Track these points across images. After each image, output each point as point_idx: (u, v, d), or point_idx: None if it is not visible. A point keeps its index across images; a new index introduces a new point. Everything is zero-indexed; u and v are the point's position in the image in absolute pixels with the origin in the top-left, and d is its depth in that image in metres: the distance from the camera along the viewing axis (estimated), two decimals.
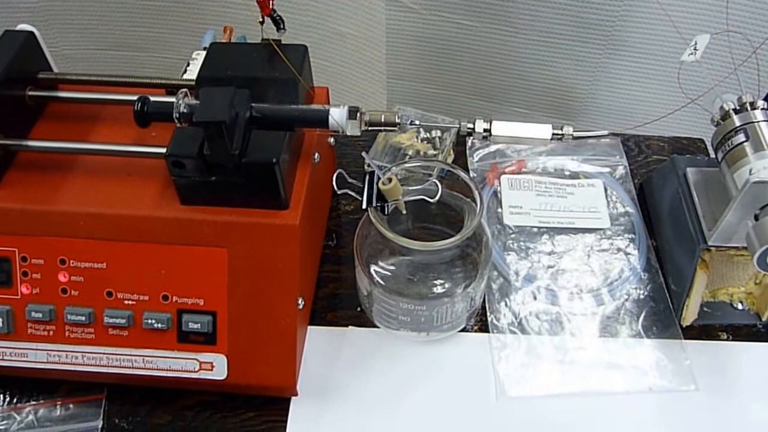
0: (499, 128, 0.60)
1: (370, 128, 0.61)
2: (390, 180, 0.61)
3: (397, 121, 0.60)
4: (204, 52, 0.68)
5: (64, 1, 1.17)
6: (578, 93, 1.13)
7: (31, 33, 0.65)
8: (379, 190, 0.61)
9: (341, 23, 1.12)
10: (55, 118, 0.67)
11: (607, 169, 0.82)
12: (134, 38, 1.26)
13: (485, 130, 0.60)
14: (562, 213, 0.78)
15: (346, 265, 0.74)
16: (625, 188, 0.80)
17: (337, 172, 0.61)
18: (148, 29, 1.25)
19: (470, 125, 0.60)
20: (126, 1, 1.19)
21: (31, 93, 0.65)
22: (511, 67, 1.12)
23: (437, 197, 0.61)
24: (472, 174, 0.82)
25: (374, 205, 0.61)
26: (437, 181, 0.61)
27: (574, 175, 0.81)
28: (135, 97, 0.61)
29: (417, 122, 0.61)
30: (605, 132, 0.60)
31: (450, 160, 0.83)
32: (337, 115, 0.60)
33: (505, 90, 1.16)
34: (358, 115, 0.60)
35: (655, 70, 1.06)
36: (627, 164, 0.83)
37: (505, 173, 0.81)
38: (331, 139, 0.75)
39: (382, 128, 0.61)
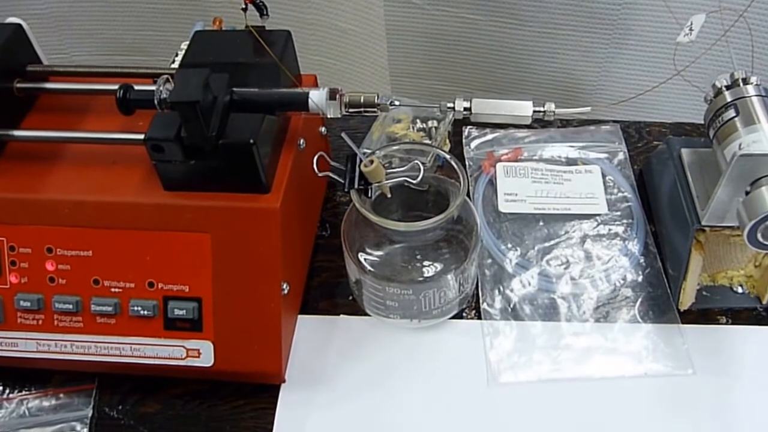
0: (479, 106, 0.59)
1: (350, 110, 0.60)
2: (372, 162, 0.60)
3: (377, 102, 0.60)
4: None
5: (71, 6, 1.18)
6: (586, 84, 1.11)
7: (19, 26, 0.66)
8: (361, 172, 0.61)
9: (342, 19, 1.12)
10: (46, 110, 0.68)
11: (606, 155, 0.81)
12: (142, 42, 1.27)
13: (465, 109, 0.60)
14: (558, 199, 0.76)
15: (340, 255, 0.74)
16: (623, 174, 0.79)
17: (318, 154, 0.61)
18: (155, 32, 1.25)
19: (450, 104, 0.60)
20: (133, 5, 1.20)
21: (19, 85, 0.66)
22: (516, 60, 1.11)
23: (419, 178, 0.60)
24: (468, 163, 0.81)
25: (356, 187, 0.60)
26: (419, 163, 0.60)
27: (572, 162, 0.80)
28: None
29: (397, 102, 0.60)
30: (588, 108, 0.59)
31: (446, 149, 0.82)
32: (316, 97, 0.59)
33: (511, 84, 1.14)
34: (338, 96, 0.60)
35: (662, 59, 1.04)
36: (626, 150, 0.81)
37: (501, 161, 0.80)
38: (323, 128, 0.75)
39: (363, 109, 0.60)
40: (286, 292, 0.62)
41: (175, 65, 0.68)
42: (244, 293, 0.61)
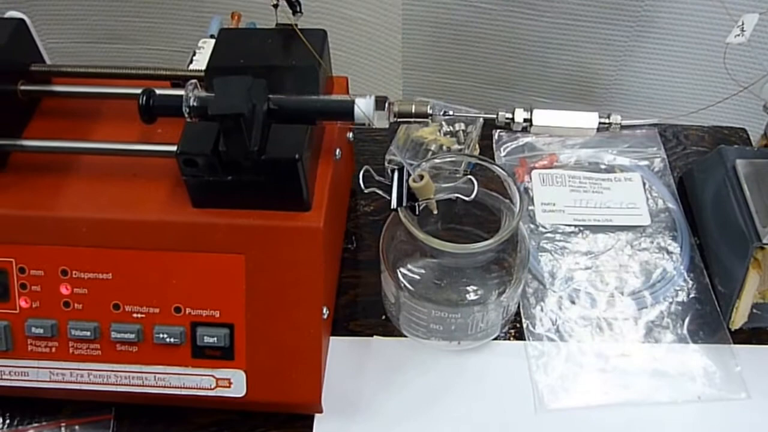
0: (541, 117, 0.55)
1: (399, 120, 0.55)
2: (421, 177, 0.56)
3: (430, 111, 0.55)
4: (211, 41, 0.63)
5: None
6: (604, 79, 1.07)
7: (22, 21, 0.60)
8: (409, 188, 0.56)
9: (353, 8, 1.07)
10: (51, 115, 0.62)
11: (645, 162, 0.77)
12: (126, 29, 1.20)
13: (525, 120, 0.55)
14: (598, 210, 0.72)
15: (367, 269, 0.69)
16: (664, 182, 0.75)
17: (364, 168, 0.56)
18: (141, 19, 1.18)
19: (509, 115, 0.55)
20: None
21: (23, 87, 0.59)
22: (532, 52, 1.06)
23: (473, 195, 0.55)
24: None
25: (405, 204, 0.56)
26: (473, 178, 0.56)
27: (610, 169, 0.76)
28: (137, 91, 0.55)
29: (451, 112, 0.55)
30: (654, 120, 0.55)
31: (476, 154, 0.78)
32: (363, 105, 0.54)
33: (526, 78, 1.10)
34: (387, 105, 0.55)
35: (687, 53, 1.00)
36: (665, 156, 0.77)
37: (535, 168, 0.76)
38: (350, 134, 0.70)
39: (412, 120, 0.55)
40: (326, 316, 0.57)
41: (194, 66, 0.63)
42: (281, 319, 0.56)
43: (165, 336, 0.56)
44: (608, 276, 0.68)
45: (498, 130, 0.79)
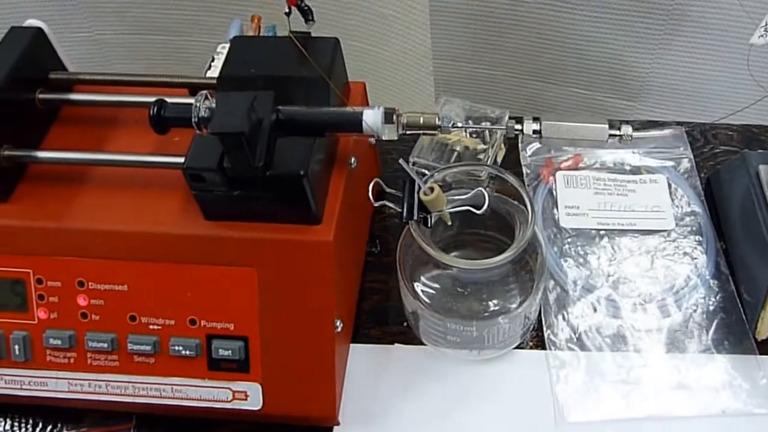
0: (550, 129, 0.53)
1: (408, 132, 0.54)
2: (432, 189, 0.55)
3: (438, 123, 0.54)
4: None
5: None
6: (638, 72, 1.05)
7: (40, 29, 0.60)
8: (420, 200, 0.55)
9: (382, 4, 1.05)
10: (71, 123, 0.62)
11: (671, 163, 0.75)
12: (169, 21, 1.21)
13: (535, 132, 0.54)
14: (622, 213, 0.71)
15: (392, 274, 0.68)
16: (690, 184, 0.73)
17: (374, 181, 0.55)
18: (182, 11, 1.19)
19: (518, 126, 0.54)
20: None
21: (41, 96, 0.60)
22: (565, 44, 1.05)
23: (484, 208, 0.54)
24: (525, 171, 0.75)
25: (415, 217, 0.55)
26: (484, 190, 0.55)
27: (635, 170, 0.74)
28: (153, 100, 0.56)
29: (459, 124, 0.55)
30: (669, 129, 0.53)
31: (501, 154, 0.77)
32: (371, 118, 0.53)
33: (559, 69, 1.08)
34: (395, 117, 0.54)
35: (723, 47, 0.98)
36: (692, 157, 0.75)
37: (560, 169, 0.74)
38: (372, 139, 0.69)
39: (421, 132, 0.55)
40: (339, 329, 0.56)
41: (211, 73, 0.62)
42: (293, 332, 0.56)
43: (181, 348, 0.56)
44: (631, 283, 0.67)
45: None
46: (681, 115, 1.09)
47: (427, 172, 0.72)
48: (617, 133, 0.52)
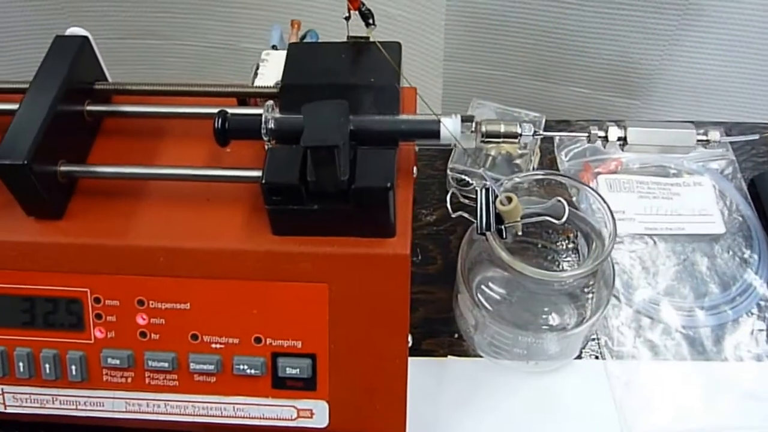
0: (636, 136, 0.52)
1: (487, 141, 0.53)
2: (510, 200, 0.53)
3: (519, 131, 0.53)
4: (274, 52, 0.61)
5: None
6: (646, 69, 1.04)
7: (86, 38, 0.58)
8: (496, 210, 0.54)
9: (393, 5, 1.04)
10: (114, 135, 0.59)
11: (713, 165, 0.75)
12: (156, 24, 1.18)
13: (620, 139, 0.53)
14: (669, 217, 0.70)
15: (435, 284, 0.67)
16: (735, 185, 0.73)
17: (451, 191, 0.54)
18: (171, 15, 1.16)
19: (601, 133, 0.53)
20: None
21: (89, 108, 0.57)
22: (573, 43, 1.03)
23: (564, 218, 0.53)
24: None
25: (493, 228, 0.53)
26: (563, 200, 0.54)
27: (677, 173, 0.74)
28: (203, 110, 0.55)
29: (541, 133, 0.53)
30: (756, 136, 0.52)
31: (537, 159, 0.76)
32: (450, 125, 0.52)
33: (564, 67, 1.07)
34: (474, 125, 0.52)
35: (736, 44, 0.97)
36: (734, 158, 0.75)
37: (601, 173, 0.74)
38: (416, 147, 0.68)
39: (501, 140, 0.53)
40: (410, 344, 0.55)
41: (258, 81, 0.60)
42: (365, 348, 0.54)
43: (245, 367, 0.54)
44: (686, 289, 0.66)
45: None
46: (686, 114, 1.09)
47: (466, 178, 0.71)
48: (704, 138, 0.52)
